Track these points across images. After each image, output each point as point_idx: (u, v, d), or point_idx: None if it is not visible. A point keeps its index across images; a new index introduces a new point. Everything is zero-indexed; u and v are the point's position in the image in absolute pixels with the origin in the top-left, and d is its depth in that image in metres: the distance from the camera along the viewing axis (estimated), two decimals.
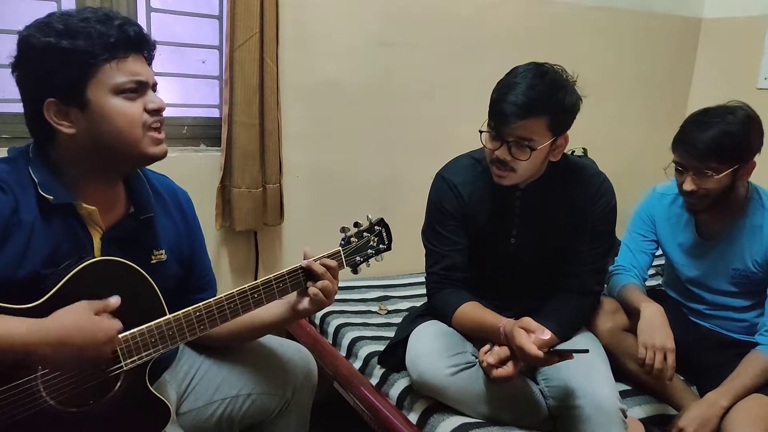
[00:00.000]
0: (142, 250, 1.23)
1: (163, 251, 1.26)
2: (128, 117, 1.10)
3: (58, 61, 1.05)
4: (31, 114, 1.11)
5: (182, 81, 2.15)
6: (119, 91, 1.09)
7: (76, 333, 1.01)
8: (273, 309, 1.37)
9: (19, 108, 1.15)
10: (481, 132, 1.50)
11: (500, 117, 1.43)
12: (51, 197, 1.09)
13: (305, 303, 1.34)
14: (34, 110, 1.09)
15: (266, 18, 1.99)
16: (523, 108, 1.40)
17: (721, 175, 1.56)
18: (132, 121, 1.11)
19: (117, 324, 1.07)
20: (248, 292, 1.25)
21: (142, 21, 1.99)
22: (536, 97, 1.41)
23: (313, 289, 1.31)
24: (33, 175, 1.10)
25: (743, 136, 1.56)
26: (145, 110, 1.13)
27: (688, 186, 1.59)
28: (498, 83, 1.49)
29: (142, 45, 1.13)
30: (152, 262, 1.24)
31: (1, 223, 1.04)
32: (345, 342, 1.92)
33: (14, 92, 1.14)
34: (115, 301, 1.08)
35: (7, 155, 1.15)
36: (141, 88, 1.12)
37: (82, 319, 1.03)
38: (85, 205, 1.14)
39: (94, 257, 1.13)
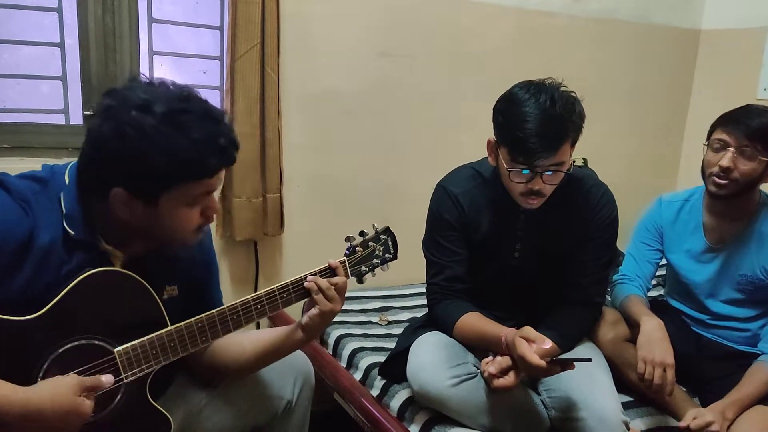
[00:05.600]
0: (155, 285, 1.19)
1: (176, 287, 1.25)
2: (187, 223, 1.12)
3: (145, 168, 1.02)
4: (91, 176, 1.08)
5: None
6: (190, 202, 1.10)
7: (50, 412, 0.98)
8: (282, 332, 1.35)
9: (19, 118, 1.15)
10: (509, 171, 1.44)
11: (530, 154, 1.38)
12: (72, 233, 1.08)
13: (304, 323, 1.32)
14: (98, 182, 1.06)
15: (267, 29, 1.99)
16: (555, 140, 1.38)
17: (761, 158, 1.59)
18: (189, 227, 1.13)
19: (91, 405, 1.03)
20: (251, 303, 1.24)
21: (143, 31, 1.99)
22: (561, 125, 1.39)
23: (312, 311, 1.30)
24: (63, 205, 1.08)
25: None
26: (202, 214, 1.13)
27: (727, 162, 1.61)
28: (505, 113, 1.43)
29: (231, 165, 1.12)
30: (164, 297, 1.22)
31: (13, 247, 1.02)
32: (345, 353, 1.91)
33: (15, 102, 1.13)
34: (107, 379, 1.07)
35: (40, 171, 1.13)
36: (208, 194, 1.13)
37: (62, 399, 0.99)
38: (105, 244, 1.13)
39: (95, 268, 1.12)
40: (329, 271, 1.32)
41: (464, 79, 2.51)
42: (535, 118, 1.37)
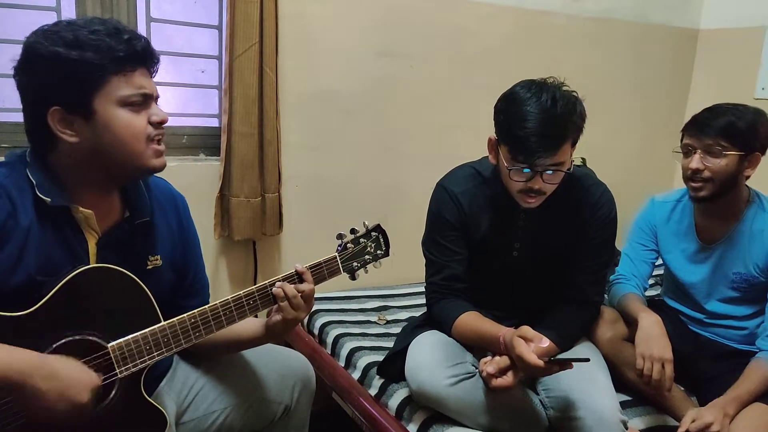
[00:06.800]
0: (137, 255, 1.22)
1: (159, 257, 1.26)
2: (133, 129, 1.11)
3: (65, 72, 1.06)
4: (32, 120, 1.12)
5: (182, 90, 2.15)
6: (125, 103, 1.10)
7: (64, 372, 1.02)
8: (251, 325, 1.36)
9: (18, 117, 1.15)
10: (509, 170, 1.44)
11: (530, 153, 1.39)
12: (48, 199, 1.09)
13: (269, 325, 1.32)
14: (37, 117, 1.09)
15: (266, 28, 1.99)
16: (554, 139, 1.38)
17: (728, 155, 1.60)
18: (136, 134, 1.12)
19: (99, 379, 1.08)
20: (243, 298, 1.25)
21: (142, 31, 1.99)
22: (562, 125, 1.39)
23: (275, 316, 1.30)
24: (31, 177, 1.10)
25: (753, 124, 1.61)
26: (149, 122, 1.14)
27: (695, 164, 1.63)
28: (506, 112, 1.43)
29: (148, 59, 1.14)
30: (148, 267, 1.23)
31: None
32: (344, 352, 1.91)
33: (14, 101, 1.14)
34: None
35: (4, 160, 1.15)
36: (146, 100, 1.13)
37: (73, 363, 1.05)
38: (81, 208, 1.14)
39: (89, 264, 1.13)
40: (297, 277, 1.31)
41: (463, 79, 2.52)
42: (536, 118, 1.38)
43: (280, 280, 1.28)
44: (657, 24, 2.94)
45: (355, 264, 1.40)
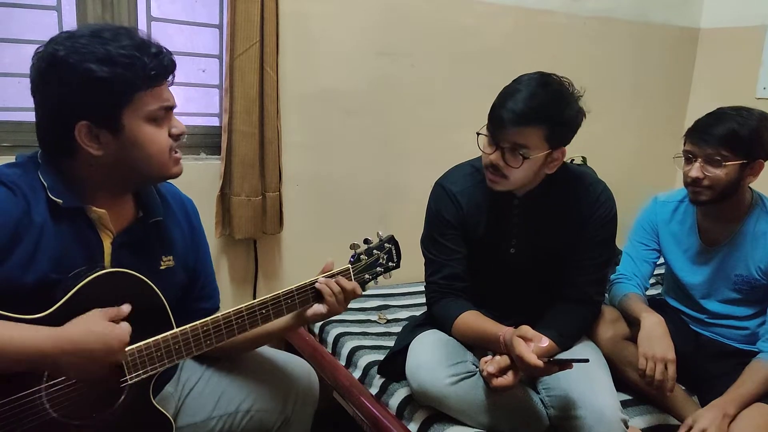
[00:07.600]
0: (151, 255, 1.23)
1: (172, 258, 1.27)
2: (159, 144, 1.13)
3: (97, 88, 1.05)
4: (53, 129, 1.11)
5: (182, 89, 2.15)
6: (151, 118, 1.12)
7: (88, 339, 1.02)
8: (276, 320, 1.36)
9: (19, 116, 1.15)
10: (478, 134, 1.50)
11: (497, 122, 1.44)
12: (60, 201, 1.09)
13: (308, 314, 1.34)
14: (60, 127, 1.09)
15: (266, 27, 1.99)
16: (521, 115, 1.41)
17: (729, 164, 1.58)
18: (162, 148, 1.14)
19: (128, 327, 1.07)
20: (256, 308, 1.25)
21: (142, 30, 1.99)
22: (535, 107, 1.41)
23: (319, 307, 1.33)
24: (42, 180, 1.10)
25: (756, 131, 1.59)
26: (169, 134, 1.15)
27: (695, 173, 1.62)
28: (503, 89, 1.49)
29: (171, 72, 1.15)
30: (161, 267, 1.24)
31: (11, 225, 1.04)
32: (344, 351, 1.91)
33: (16, 101, 1.14)
34: (126, 308, 1.10)
35: (15, 161, 1.15)
36: (167, 113, 1.15)
37: (95, 326, 1.04)
38: (94, 208, 1.14)
39: (104, 268, 1.13)
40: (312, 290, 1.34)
41: (463, 78, 2.52)
42: (517, 95, 1.42)
43: (293, 292, 1.30)
44: (657, 23, 2.94)
45: (367, 276, 1.41)
